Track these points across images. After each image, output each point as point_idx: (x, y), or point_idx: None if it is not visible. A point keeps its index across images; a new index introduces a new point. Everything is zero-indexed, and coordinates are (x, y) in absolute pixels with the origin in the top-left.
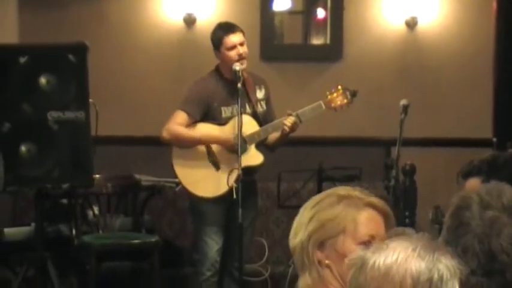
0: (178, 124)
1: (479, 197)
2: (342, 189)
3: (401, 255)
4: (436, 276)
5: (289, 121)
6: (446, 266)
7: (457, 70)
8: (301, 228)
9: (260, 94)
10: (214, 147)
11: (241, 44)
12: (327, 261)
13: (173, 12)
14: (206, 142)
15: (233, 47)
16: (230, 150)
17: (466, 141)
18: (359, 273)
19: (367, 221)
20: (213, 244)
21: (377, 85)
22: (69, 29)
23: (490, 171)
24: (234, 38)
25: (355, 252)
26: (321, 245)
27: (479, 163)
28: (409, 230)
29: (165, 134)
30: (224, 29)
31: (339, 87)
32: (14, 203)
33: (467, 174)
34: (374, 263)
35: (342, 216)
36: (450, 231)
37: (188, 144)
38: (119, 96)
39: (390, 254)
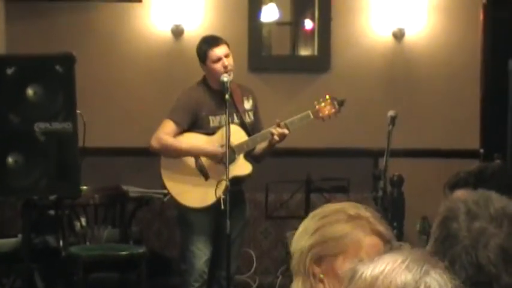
0: (166, 133)
1: (467, 207)
2: (353, 208)
3: (388, 266)
4: (422, 287)
5: (277, 130)
6: (435, 279)
7: (444, 81)
8: (305, 235)
9: (248, 105)
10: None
11: (227, 56)
12: (321, 275)
13: (161, 23)
14: (194, 154)
15: (218, 60)
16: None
17: (453, 152)
18: (348, 284)
19: (370, 248)
20: (201, 255)
21: (365, 96)
22: (57, 39)
23: (477, 182)
24: (219, 51)
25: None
26: (319, 260)
27: (466, 175)
28: (406, 244)
29: (153, 143)
30: (208, 42)
31: (327, 96)
32: (0, 214)
33: (454, 186)
34: (362, 273)
35: (346, 238)
36: (438, 243)
37: (176, 155)
38: (107, 107)
39: (378, 265)
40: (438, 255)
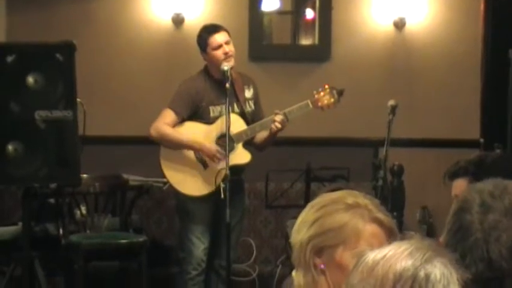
0: (166, 123)
1: (481, 199)
2: (351, 196)
3: (391, 252)
4: (421, 274)
5: (277, 119)
6: (437, 267)
7: (444, 71)
8: (303, 227)
9: (248, 93)
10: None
11: (227, 43)
12: (322, 266)
13: (161, 12)
14: (191, 148)
15: (219, 46)
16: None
17: (453, 142)
18: (353, 269)
19: (370, 236)
20: (199, 243)
21: (365, 85)
22: (57, 28)
23: (476, 171)
24: (219, 37)
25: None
26: (319, 251)
27: (466, 164)
28: (417, 235)
29: (152, 132)
30: (209, 30)
31: (326, 86)
32: (1, 202)
33: (454, 175)
34: (366, 258)
35: (345, 228)
36: (450, 234)
37: (174, 147)
38: (107, 96)
39: (382, 251)
40: (450, 247)
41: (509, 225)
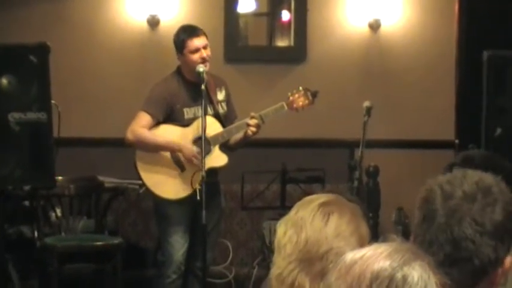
0: (142, 126)
1: (441, 189)
2: (348, 206)
3: (369, 252)
4: (399, 275)
5: (252, 122)
6: (416, 270)
7: (419, 72)
8: (340, 238)
9: (220, 95)
10: None
11: (205, 48)
12: None
13: (137, 13)
14: (169, 149)
15: (197, 50)
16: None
17: (428, 143)
18: (332, 268)
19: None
20: (179, 246)
21: (340, 87)
22: (31, 29)
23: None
24: (198, 42)
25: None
26: None
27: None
28: (398, 239)
29: (129, 136)
30: (188, 32)
31: (300, 88)
32: None
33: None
34: (345, 257)
35: (367, 235)
36: (417, 226)
37: (151, 150)
38: (81, 97)
39: (361, 251)
40: (419, 238)
41: (470, 207)
